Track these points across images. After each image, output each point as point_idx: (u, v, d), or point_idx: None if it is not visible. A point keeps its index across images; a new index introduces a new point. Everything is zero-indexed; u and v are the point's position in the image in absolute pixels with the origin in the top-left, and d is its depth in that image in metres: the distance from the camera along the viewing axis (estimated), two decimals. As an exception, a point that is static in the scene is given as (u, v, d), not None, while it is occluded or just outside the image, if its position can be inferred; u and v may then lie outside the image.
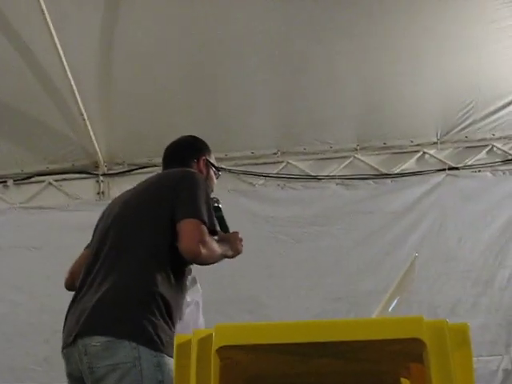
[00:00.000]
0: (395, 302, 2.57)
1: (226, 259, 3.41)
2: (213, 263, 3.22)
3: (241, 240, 3.45)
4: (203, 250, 3.07)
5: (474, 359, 6.14)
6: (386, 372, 2.74)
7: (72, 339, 3.07)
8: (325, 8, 5.53)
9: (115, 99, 5.95)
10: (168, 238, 3.12)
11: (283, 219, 6.30)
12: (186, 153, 3.60)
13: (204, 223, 3.11)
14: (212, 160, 3.64)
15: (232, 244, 3.39)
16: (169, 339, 3.00)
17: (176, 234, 3.10)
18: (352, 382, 2.88)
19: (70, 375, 3.18)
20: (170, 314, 3.09)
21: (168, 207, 3.16)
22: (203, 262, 3.16)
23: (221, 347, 2.04)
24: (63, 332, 3.24)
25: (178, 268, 3.18)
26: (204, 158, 3.59)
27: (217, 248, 3.20)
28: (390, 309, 2.53)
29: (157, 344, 2.98)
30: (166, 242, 3.12)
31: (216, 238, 3.25)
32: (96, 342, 2.98)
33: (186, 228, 3.09)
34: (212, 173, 3.61)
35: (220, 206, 3.42)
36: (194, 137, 3.73)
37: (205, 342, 2.07)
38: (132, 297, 3.05)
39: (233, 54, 5.82)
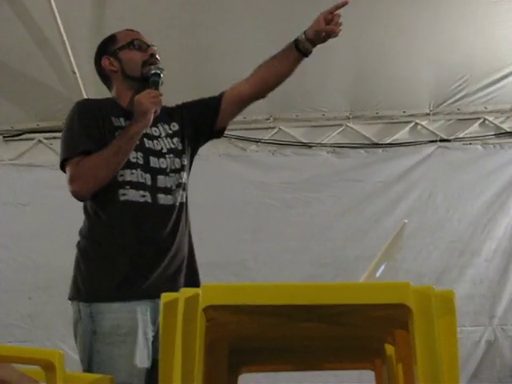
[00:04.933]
0: (382, 267, 2.58)
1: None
2: (107, 172, 3.05)
3: (150, 96, 3.09)
4: (75, 186, 3.07)
5: (458, 329, 6.22)
6: (371, 338, 2.75)
7: None
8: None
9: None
10: None
11: (273, 184, 6.32)
12: (98, 72, 3.39)
13: (69, 158, 3.10)
14: (116, 45, 3.30)
15: (136, 113, 3.08)
16: (104, 283, 3.04)
17: None
18: (337, 347, 2.90)
19: None
20: (101, 255, 3.09)
21: None
22: (90, 190, 3.08)
23: (207, 307, 2.04)
24: None
25: (102, 199, 3.12)
26: (104, 58, 3.31)
27: (94, 161, 3.05)
28: (377, 274, 2.54)
29: (88, 295, 3.04)
30: None
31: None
32: None
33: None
34: (126, 54, 3.28)
35: (158, 72, 3.19)
36: None
37: (192, 301, 2.06)
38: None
39: (227, 19, 5.76)
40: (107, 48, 3.33)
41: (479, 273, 6.17)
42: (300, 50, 3.28)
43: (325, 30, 3.23)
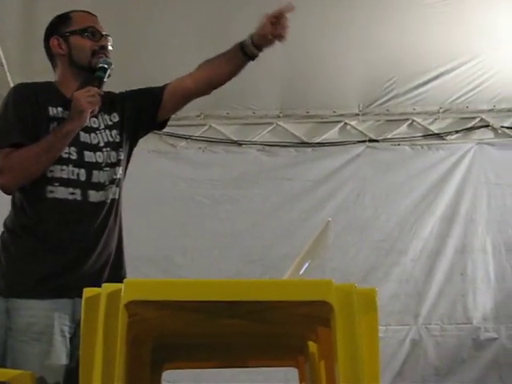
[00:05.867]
0: (306, 265, 2.59)
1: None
2: (37, 168, 2.96)
3: (88, 95, 2.99)
4: (2, 179, 2.97)
5: (383, 328, 6.32)
6: (294, 335, 2.77)
7: None
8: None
9: (37, 50, 5.80)
10: None
11: (203, 181, 6.33)
12: (45, 49, 3.25)
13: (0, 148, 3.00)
14: (69, 28, 3.18)
15: (73, 111, 2.98)
16: (23, 279, 2.96)
17: None
18: (261, 344, 2.91)
19: None
20: (23, 250, 3.02)
21: None
22: (17, 184, 2.99)
23: (130, 302, 2.03)
24: None
25: (29, 194, 3.03)
26: (53, 38, 3.18)
27: (24, 155, 2.95)
28: (301, 272, 2.55)
29: (6, 289, 2.97)
30: None
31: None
32: None
33: None
34: (77, 40, 3.15)
35: (106, 66, 3.08)
36: None
37: (114, 296, 2.04)
38: None
39: (157, 16, 5.71)
40: (59, 28, 3.21)
41: (405, 272, 6.26)
42: (246, 53, 3.21)
43: (271, 33, 3.15)
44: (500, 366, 6.14)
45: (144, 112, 3.27)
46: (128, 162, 3.29)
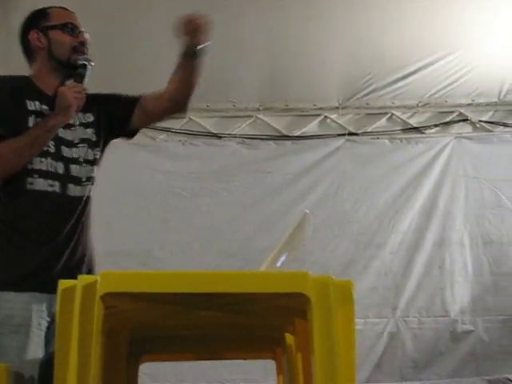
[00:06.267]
0: (283, 257, 2.59)
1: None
2: (19, 162, 2.96)
3: (74, 91, 3.01)
4: None
5: (361, 321, 6.30)
6: (271, 327, 2.77)
7: None
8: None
9: (15, 46, 5.79)
10: None
11: (182, 174, 6.31)
12: (22, 44, 3.22)
13: None
14: (48, 23, 3.16)
15: (58, 107, 2.99)
16: (2, 271, 2.95)
17: None
18: (238, 337, 2.91)
19: None
20: (2, 242, 3.00)
21: None
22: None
23: (106, 294, 2.02)
24: None
25: (9, 185, 3.01)
26: (32, 32, 3.16)
27: (6, 149, 2.94)
28: (277, 264, 2.55)
29: None
30: None
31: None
32: None
33: None
34: (56, 35, 3.15)
35: (86, 63, 3.08)
36: None
37: (89, 288, 2.04)
38: None
39: (142, 7, 5.71)
40: (38, 22, 3.19)
41: (384, 265, 6.28)
42: (186, 53, 3.24)
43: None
44: (477, 358, 6.18)
45: (117, 121, 3.26)
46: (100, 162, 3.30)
